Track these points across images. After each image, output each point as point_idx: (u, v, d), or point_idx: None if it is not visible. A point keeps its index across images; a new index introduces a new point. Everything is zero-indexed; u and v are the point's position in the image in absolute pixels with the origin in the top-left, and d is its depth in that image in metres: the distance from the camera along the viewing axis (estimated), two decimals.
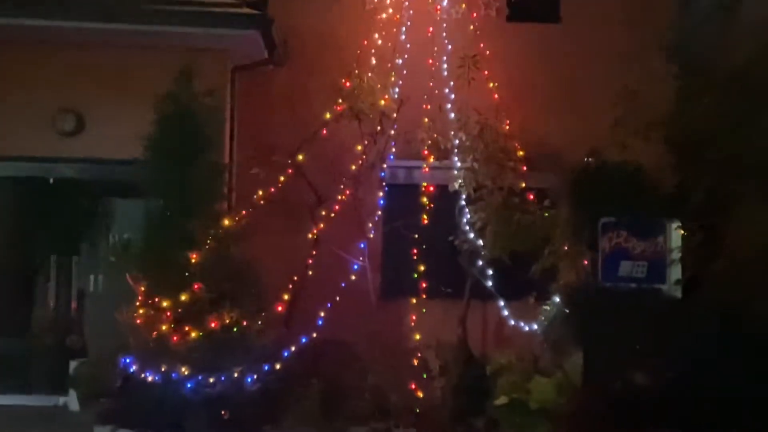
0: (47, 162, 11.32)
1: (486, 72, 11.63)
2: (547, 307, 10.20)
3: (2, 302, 11.62)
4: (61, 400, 11.11)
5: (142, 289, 10.02)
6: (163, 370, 9.56)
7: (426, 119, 11.43)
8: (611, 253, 9.41)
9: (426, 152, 11.38)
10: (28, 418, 10.67)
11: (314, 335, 10.43)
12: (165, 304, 9.83)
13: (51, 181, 11.57)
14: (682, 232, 9.27)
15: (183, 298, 9.84)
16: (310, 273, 11.09)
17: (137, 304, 9.95)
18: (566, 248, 9.90)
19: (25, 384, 11.37)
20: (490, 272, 11.13)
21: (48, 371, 11.39)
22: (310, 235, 11.16)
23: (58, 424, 10.55)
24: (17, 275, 11.74)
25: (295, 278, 11.02)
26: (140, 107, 10.19)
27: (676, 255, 9.16)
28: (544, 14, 12.38)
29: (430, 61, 11.75)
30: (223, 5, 10.98)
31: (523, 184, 11.11)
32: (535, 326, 10.52)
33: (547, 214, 10.56)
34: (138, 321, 9.86)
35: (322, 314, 10.56)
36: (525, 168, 11.26)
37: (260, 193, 11.07)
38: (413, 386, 10.51)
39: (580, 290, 9.59)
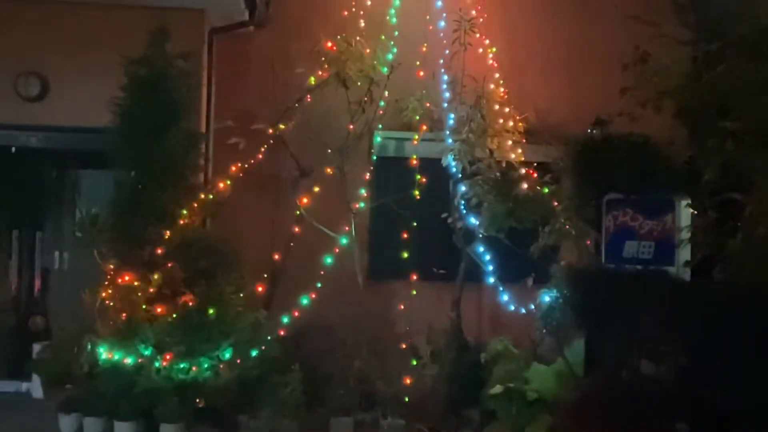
0: (8, 129, 11.29)
1: (483, 36, 11.49)
2: (547, 290, 10.07)
3: None
4: (24, 386, 11.18)
5: (111, 267, 9.96)
6: (132, 354, 9.53)
7: (419, 88, 11.29)
8: (616, 232, 9.28)
9: (418, 123, 11.23)
10: None
11: (296, 316, 10.37)
12: (135, 283, 9.77)
13: (12, 149, 11.44)
14: (694, 210, 9.15)
15: (155, 277, 9.78)
16: (293, 251, 10.95)
17: (105, 283, 9.90)
18: (568, 227, 9.80)
19: None
20: (486, 252, 11.02)
21: (9, 355, 11.43)
22: (293, 211, 11.02)
23: (20, 411, 10.52)
24: None
25: (277, 256, 10.93)
26: (110, 71, 10.14)
27: (686, 235, 9.04)
28: None
29: (423, 24, 11.58)
30: None
31: (523, 158, 11.04)
32: (534, 310, 10.41)
33: (547, 190, 10.54)
34: (106, 301, 9.82)
35: (305, 295, 10.48)
36: (524, 140, 11.19)
37: (239, 164, 10.94)
38: (402, 374, 10.39)
39: (582, 272, 9.49)
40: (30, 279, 11.88)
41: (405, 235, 11.00)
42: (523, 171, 10.93)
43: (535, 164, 11.04)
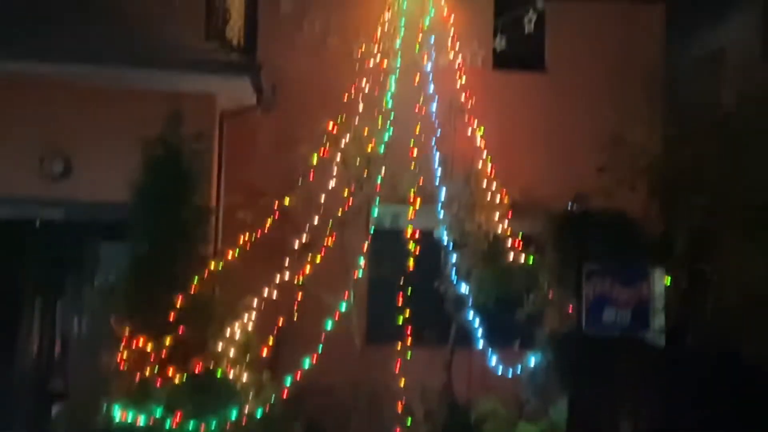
0: (34, 204, 11.22)
1: (472, 119, 11.60)
2: (533, 354, 10.05)
3: None
4: None
5: (126, 331, 9.84)
6: (145, 414, 9.36)
7: (412, 165, 11.32)
8: (595, 299, 9.33)
9: (412, 197, 11.28)
10: None
11: (298, 377, 10.29)
12: (148, 347, 9.66)
13: (37, 223, 11.40)
14: (667, 278, 9.19)
15: (167, 341, 9.68)
16: (296, 315, 10.90)
17: (120, 346, 9.76)
18: (551, 295, 9.82)
19: (6, 427, 11.12)
20: (476, 318, 10.97)
21: (30, 414, 11.16)
22: (296, 279, 11.00)
23: None
24: (3, 319, 11.55)
25: (281, 321, 10.86)
26: (128, 150, 10.10)
27: (660, 302, 9.07)
28: (529, 62, 12.40)
29: (417, 108, 11.68)
30: (211, 51, 11.00)
31: (509, 231, 11.04)
32: (521, 373, 10.36)
33: (531, 261, 10.52)
34: (121, 364, 9.68)
35: (307, 357, 10.41)
36: (510, 214, 11.18)
37: (246, 235, 10.90)
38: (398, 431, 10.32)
39: (564, 337, 9.49)
40: (50, 343, 11.69)
41: (400, 302, 10.97)
42: (509, 242, 10.93)
43: (520, 236, 11.03)
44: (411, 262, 11.03)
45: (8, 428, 11.07)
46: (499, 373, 10.86)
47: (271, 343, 10.66)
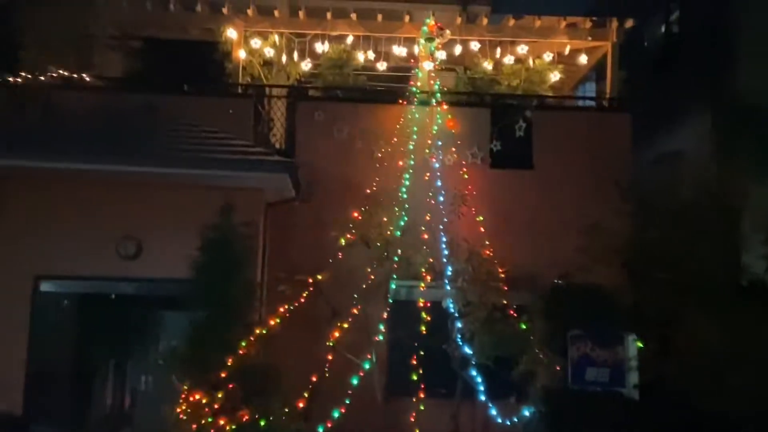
0: (110, 281, 11.29)
1: (473, 208, 11.72)
2: (527, 407, 10.00)
3: (68, 400, 11.38)
4: None
5: (185, 387, 9.85)
6: None
7: (424, 247, 11.43)
8: (579, 360, 9.32)
9: (424, 274, 11.35)
10: None
11: (329, 426, 10.24)
12: (203, 400, 9.67)
13: (112, 296, 11.49)
14: (639, 342, 9.19)
15: (219, 395, 9.68)
16: (327, 373, 10.89)
17: (180, 400, 9.77)
18: (541, 356, 9.81)
19: None
20: (478, 375, 10.93)
21: None
22: (327, 342, 11.02)
23: None
24: (80, 377, 11.57)
25: (314, 378, 10.83)
26: (189, 235, 10.20)
27: (634, 362, 9.06)
28: (520, 162, 12.51)
29: (427, 199, 11.85)
30: (258, 153, 11.17)
31: (505, 301, 11.04)
32: (517, 422, 10.28)
33: (524, 327, 10.52)
34: (180, 415, 9.67)
35: (336, 409, 10.39)
36: (506, 288, 11.17)
37: (286, 306, 10.93)
38: None
39: (553, 392, 9.46)
40: (122, 398, 11.71)
41: (414, 361, 10.96)
42: (505, 311, 10.93)
43: (515, 306, 11.02)
44: (423, 328, 11.10)
45: None
46: (499, 422, 10.80)
47: (306, 395, 10.68)
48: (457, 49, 13.66)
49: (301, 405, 10.50)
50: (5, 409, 10.44)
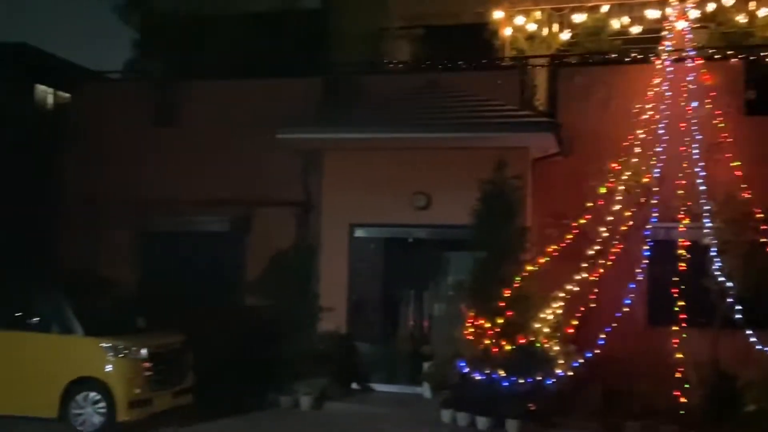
0: (407, 228, 11.74)
1: (728, 154, 10.74)
2: None
3: (380, 322, 12.04)
4: (418, 389, 11.27)
5: (471, 314, 10.17)
6: (486, 372, 9.65)
7: (680, 191, 10.72)
8: None
9: (681, 216, 10.66)
10: (396, 401, 11.05)
11: (596, 351, 10.05)
12: (487, 325, 9.94)
13: (409, 240, 12.02)
14: None
15: (499, 321, 9.90)
16: (593, 306, 10.63)
17: (467, 324, 10.11)
18: None
19: (393, 377, 11.69)
20: (738, 306, 10.08)
21: (408, 370, 11.58)
22: (590, 278, 10.74)
23: (416, 407, 10.76)
24: (389, 304, 12.19)
25: (582, 309, 10.64)
26: (469, 188, 10.48)
27: None
28: None
29: (682, 148, 11.04)
30: (525, 116, 11.11)
31: (763, 239, 10.07)
32: None
33: None
34: (468, 337, 10.02)
35: (602, 336, 10.16)
36: (764, 227, 10.17)
37: (552, 247, 10.83)
38: (677, 393, 9.73)
39: None
40: (420, 321, 12.10)
41: (674, 294, 10.28)
42: (762, 248, 9.95)
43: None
44: (682, 264, 10.44)
45: (395, 378, 11.64)
46: (760, 350, 9.90)
47: (574, 323, 10.55)
48: (710, 6, 12.49)
49: (570, 331, 10.44)
50: (334, 328, 11.50)
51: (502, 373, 9.53)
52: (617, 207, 10.94)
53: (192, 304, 11.68)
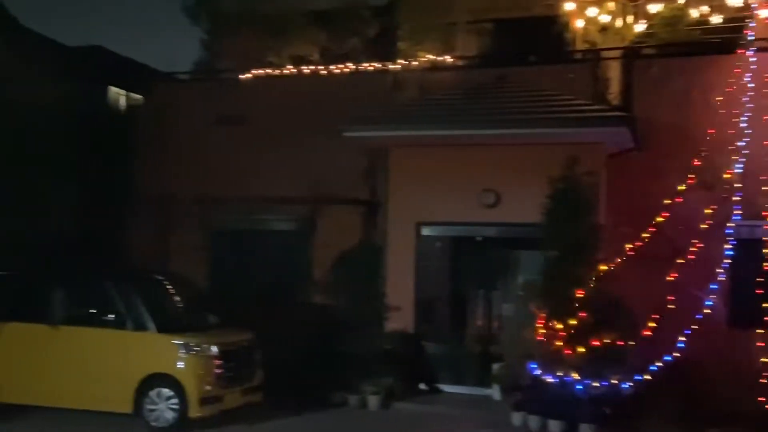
0: (475, 226, 11.56)
1: None
2: None
3: (448, 322, 11.94)
4: (487, 391, 11.16)
5: (542, 314, 9.98)
6: (559, 374, 9.48)
7: (765, 187, 10.24)
8: None
9: (766, 213, 10.18)
10: (465, 402, 10.93)
11: (676, 355, 9.71)
12: (559, 326, 9.72)
13: (478, 239, 11.86)
14: None
15: (572, 322, 9.67)
16: (671, 307, 10.24)
17: (538, 325, 9.92)
18: None
19: (462, 378, 11.59)
20: None
21: (477, 371, 11.47)
22: (668, 278, 10.37)
23: (486, 408, 10.66)
24: (456, 304, 12.09)
25: (659, 311, 10.26)
26: (539, 185, 10.23)
27: None
28: None
29: (766, 142, 10.55)
30: (598, 111, 10.80)
31: None
32: None
33: None
34: (539, 338, 9.84)
35: (682, 339, 9.81)
36: None
37: (628, 245, 10.51)
38: (761, 399, 9.30)
39: None
40: (489, 321, 11.92)
41: (759, 295, 9.85)
42: None
43: None
44: (767, 264, 9.98)
45: (464, 379, 11.51)
46: None
47: (652, 324, 10.21)
48: None
49: (647, 333, 10.11)
50: (401, 327, 11.44)
51: (575, 375, 9.31)
52: (697, 204, 10.54)
53: (260, 302, 11.87)
